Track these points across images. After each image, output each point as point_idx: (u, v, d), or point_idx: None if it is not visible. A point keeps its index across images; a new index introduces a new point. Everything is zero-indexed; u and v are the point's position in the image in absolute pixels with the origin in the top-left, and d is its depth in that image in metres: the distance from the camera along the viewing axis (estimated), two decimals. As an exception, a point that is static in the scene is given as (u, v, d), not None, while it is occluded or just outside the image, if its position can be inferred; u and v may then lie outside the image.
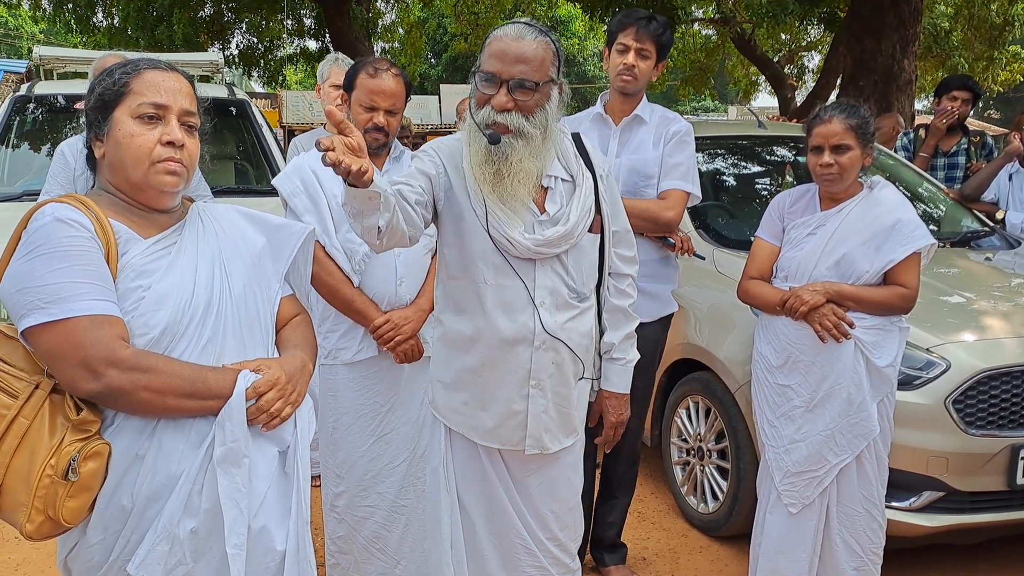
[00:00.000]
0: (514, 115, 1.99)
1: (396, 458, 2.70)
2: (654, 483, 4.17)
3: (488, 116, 2.00)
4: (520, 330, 2.07)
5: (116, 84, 1.62)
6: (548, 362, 2.10)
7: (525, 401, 2.11)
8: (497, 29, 2.05)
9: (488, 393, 2.12)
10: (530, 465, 2.18)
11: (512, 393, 2.11)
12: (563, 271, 2.11)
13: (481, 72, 2.01)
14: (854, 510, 2.73)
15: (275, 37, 15.20)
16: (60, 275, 1.48)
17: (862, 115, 2.74)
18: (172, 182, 1.62)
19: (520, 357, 2.08)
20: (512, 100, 1.98)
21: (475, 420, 2.14)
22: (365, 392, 2.67)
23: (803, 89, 19.69)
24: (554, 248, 2.07)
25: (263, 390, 1.59)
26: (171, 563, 1.53)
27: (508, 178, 2.00)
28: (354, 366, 2.67)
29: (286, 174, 2.66)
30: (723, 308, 3.54)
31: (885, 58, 8.60)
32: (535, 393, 2.11)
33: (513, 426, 2.12)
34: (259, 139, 5.99)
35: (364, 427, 2.67)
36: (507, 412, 2.11)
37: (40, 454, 1.47)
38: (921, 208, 4.54)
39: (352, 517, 2.70)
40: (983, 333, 3.17)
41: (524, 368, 2.09)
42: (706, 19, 17.17)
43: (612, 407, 2.35)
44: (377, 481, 2.68)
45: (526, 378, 2.10)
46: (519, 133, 2.00)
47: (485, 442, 2.14)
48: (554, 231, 2.05)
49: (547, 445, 2.15)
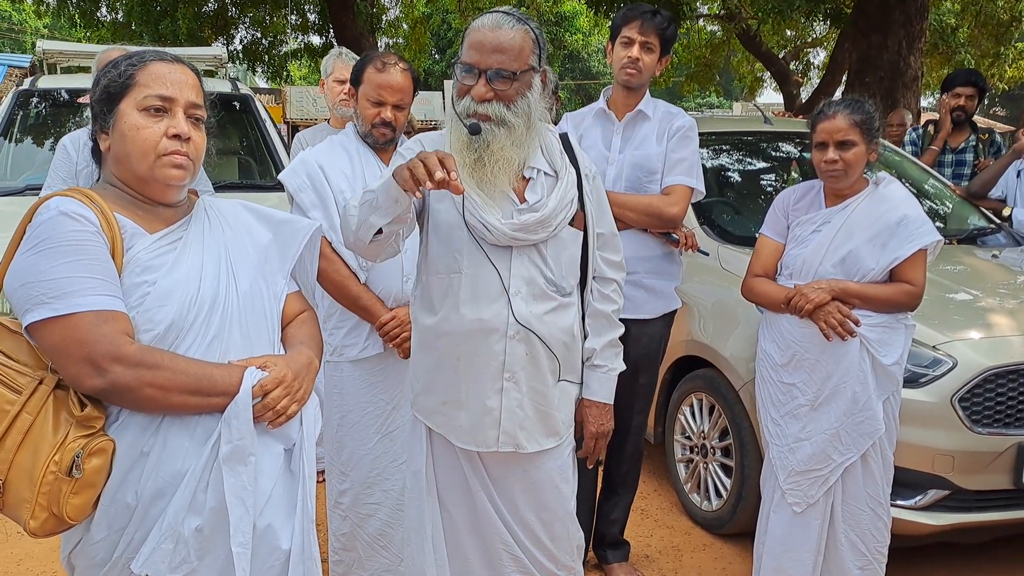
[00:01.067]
0: (495, 104, 1.99)
1: (401, 455, 2.66)
2: (657, 480, 4.17)
3: (469, 106, 2.00)
4: (493, 319, 2.03)
5: (122, 76, 1.60)
6: (522, 354, 2.06)
7: (499, 396, 2.06)
8: (476, 19, 2.05)
9: (464, 388, 2.07)
10: (510, 468, 2.13)
11: (486, 387, 2.06)
12: (541, 261, 2.08)
13: (460, 63, 2.02)
14: (859, 509, 2.72)
15: (279, 32, 15.21)
16: (65, 270, 1.46)
17: (867, 110, 2.73)
18: (178, 175, 1.61)
19: (494, 348, 2.04)
20: (491, 90, 1.98)
21: (454, 420, 2.10)
22: (371, 389, 2.66)
23: (808, 85, 19.63)
24: (531, 235, 2.04)
25: (269, 387, 1.58)
26: (175, 561, 1.52)
27: (489, 165, 2.01)
28: (359, 363, 2.65)
29: (292, 169, 2.65)
30: (728, 305, 3.53)
31: (891, 54, 8.57)
32: (509, 386, 2.06)
33: (488, 424, 2.07)
34: (263, 134, 5.99)
35: (370, 424, 2.66)
36: (482, 409, 2.07)
37: (44, 450, 1.46)
38: (928, 205, 4.53)
39: (356, 514, 2.69)
40: (990, 331, 3.15)
41: (498, 359, 2.05)
42: (711, 15, 17.13)
43: (593, 416, 2.23)
44: (382, 478, 2.67)
45: (500, 370, 2.05)
46: (500, 122, 2.00)
47: (462, 444, 2.10)
48: (531, 216, 2.03)
49: (522, 443, 2.09)
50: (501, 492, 2.14)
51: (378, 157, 2.69)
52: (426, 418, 2.16)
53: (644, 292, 3.05)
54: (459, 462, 2.14)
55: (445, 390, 2.11)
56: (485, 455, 2.12)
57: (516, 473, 2.14)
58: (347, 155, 2.67)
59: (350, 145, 2.70)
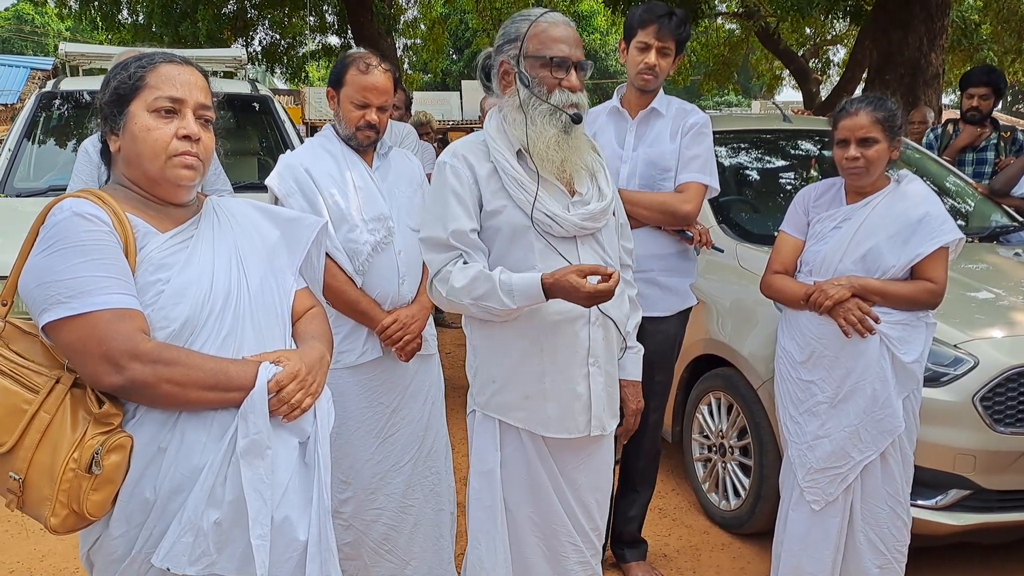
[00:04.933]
0: (580, 94, 2.14)
1: (402, 458, 2.68)
2: (675, 480, 4.15)
3: (567, 98, 2.11)
4: (574, 308, 2.10)
5: (132, 78, 1.62)
6: (600, 338, 2.17)
7: (586, 381, 2.16)
8: (538, 17, 2.13)
9: (550, 378, 2.14)
10: (579, 454, 2.22)
11: (575, 373, 2.15)
12: (600, 249, 2.18)
13: (553, 57, 2.09)
14: (878, 508, 2.70)
15: (298, 33, 15.28)
16: (80, 269, 1.48)
17: (889, 108, 2.70)
18: (188, 176, 1.63)
19: (579, 335, 2.14)
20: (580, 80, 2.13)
21: (540, 413, 2.15)
22: (370, 395, 2.63)
23: (828, 83, 19.50)
24: (597, 223, 2.16)
25: (284, 382, 1.59)
26: (195, 554, 1.54)
27: (573, 153, 2.13)
28: (358, 369, 2.61)
29: (279, 174, 2.59)
30: (746, 303, 3.51)
31: (912, 51, 8.48)
32: (594, 371, 2.17)
33: (578, 411, 2.16)
34: (282, 135, 6.01)
35: (370, 430, 2.63)
36: (571, 396, 2.15)
37: (63, 448, 1.47)
38: (949, 203, 4.48)
39: (361, 521, 2.65)
40: (1012, 329, 3.11)
41: (584, 346, 2.15)
42: (729, 13, 17.04)
43: (631, 394, 2.38)
44: (384, 482, 2.65)
45: (586, 356, 2.15)
46: (585, 109, 2.16)
47: (551, 433, 2.17)
48: (597, 205, 2.14)
49: (606, 425, 2.23)
50: (568, 480, 2.23)
51: (362, 159, 2.66)
52: (505, 415, 2.19)
53: (659, 290, 3.04)
54: (528, 457, 2.20)
55: (528, 383, 2.16)
56: (555, 445, 2.19)
57: (582, 458, 2.24)
58: (332, 158, 2.62)
59: (333, 147, 2.65)
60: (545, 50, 2.09)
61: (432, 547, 2.76)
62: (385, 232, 2.58)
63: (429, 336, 2.74)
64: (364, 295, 2.57)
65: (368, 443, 2.63)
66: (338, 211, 2.53)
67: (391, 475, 2.66)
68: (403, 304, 2.63)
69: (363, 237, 2.55)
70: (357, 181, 2.60)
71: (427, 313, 2.66)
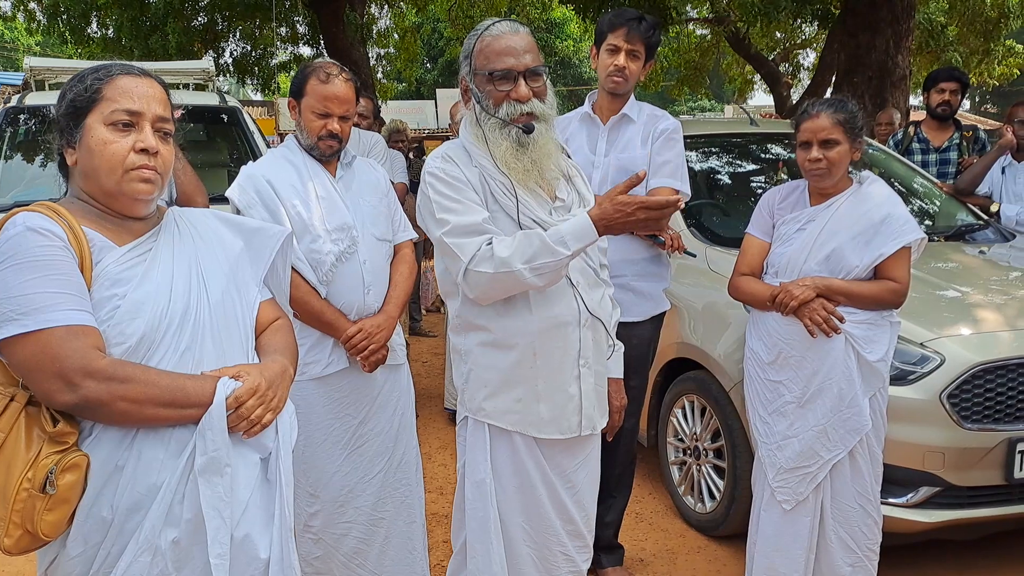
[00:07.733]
0: (535, 102, 2.09)
1: (371, 470, 2.64)
2: (651, 483, 4.16)
3: (514, 110, 2.08)
4: (566, 312, 2.14)
5: (88, 90, 1.59)
6: (591, 340, 2.19)
7: (577, 382, 2.18)
8: (483, 31, 2.11)
9: (543, 381, 2.14)
10: (576, 454, 2.24)
11: (567, 375, 2.16)
12: (584, 253, 2.17)
13: (494, 71, 2.06)
14: (848, 506, 2.72)
15: (268, 44, 15.21)
16: (33, 285, 1.45)
17: (850, 109, 2.73)
18: (146, 190, 1.60)
19: (570, 337, 2.15)
20: (530, 89, 2.08)
21: (532, 415, 2.16)
22: (336, 405, 2.60)
23: (799, 87, 19.65)
24: None
25: (244, 398, 1.56)
26: (153, 573, 1.51)
27: (539, 161, 2.11)
28: (324, 380, 2.58)
29: (239, 185, 2.56)
30: (717, 306, 3.52)
31: (879, 54, 8.59)
32: (585, 372, 2.19)
33: (570, 411, 2.18)
34: (251, 146, 5.98)
35: (337, 441, 2.59)
36: (564, 397, 2.16)
37: (17, 468, 1.44)
38: (916, 203, 4.53)
39: (330, 535, 2.61)
40: (978, 327, 3.15)
41: (575, 348, 2.16)
42: (700, 18, 17.16)
43: (615, 391, 2.41)
44: (353, 495, 2.61)
45: (576, 358, 2.17)
46: (542, 117, 2.11)
47: (544, 434, 2.17)
48: (579, 210, 2.13)
49: (597, 424, 2.26)
50: (567, 482, 2.24)
51: (325, 169, 2.64)
52: (497, 419, 2.18)
53: (632, 295, 3.04)
54: (520, 463, 2.18)
55: (521, 386, 2.16)
56: (550, 448, 2.19)
57: (579, 457, 2.26)
58: (293, 168, 2.60)
59: (295, 158, 2.62)
60: (489, 65, 2.07)
61: (405, 560, 2.72)
62: (349, 242, 2.56)
63: (397, 346, 2.72)
64: (329, 305, 2.55)
65: (335, 455, 2.60)
66: (300, 221, 2.51)
67: (360, 487, 2.62)
68: (369, 314, 2.60)
69: (326, 247, 2.53)
70: (320, 191, 2.58)
71: (393, 323, 2.63)
